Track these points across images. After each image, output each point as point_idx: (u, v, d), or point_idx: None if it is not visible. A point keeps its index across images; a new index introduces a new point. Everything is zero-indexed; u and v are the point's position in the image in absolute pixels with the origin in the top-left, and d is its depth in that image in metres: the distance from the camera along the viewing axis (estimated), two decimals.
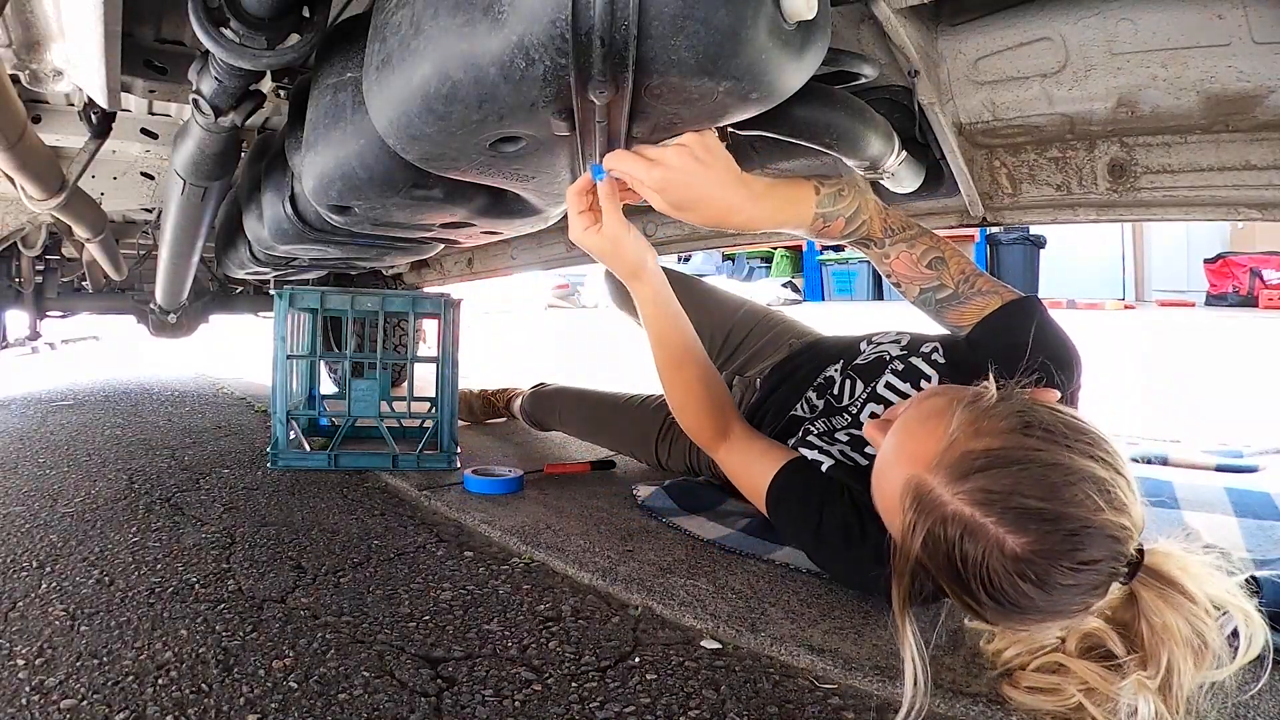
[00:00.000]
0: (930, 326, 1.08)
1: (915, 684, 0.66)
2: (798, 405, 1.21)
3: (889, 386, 1.08)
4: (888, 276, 1.02)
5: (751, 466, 1.02)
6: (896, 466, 0.75)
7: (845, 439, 1.06)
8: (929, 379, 1.06)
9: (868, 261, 1.33)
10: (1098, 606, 0.67)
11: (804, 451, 1.03)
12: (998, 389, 0.74)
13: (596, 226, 0.90)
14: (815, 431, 1.09)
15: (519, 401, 1.99)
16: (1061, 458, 0.66)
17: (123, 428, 2.11)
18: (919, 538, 0.69)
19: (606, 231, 0.91)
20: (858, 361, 1.17)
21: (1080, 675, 0.68)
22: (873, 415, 1.06)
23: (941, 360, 1.07)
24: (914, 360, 1.09)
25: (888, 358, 1.13)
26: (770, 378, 1.35)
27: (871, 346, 1.19)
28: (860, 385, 1.13)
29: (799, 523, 0.96)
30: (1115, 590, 0.67)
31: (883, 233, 0.98)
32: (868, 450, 1.01)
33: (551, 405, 1.85)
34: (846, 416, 1.11)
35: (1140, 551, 0.67)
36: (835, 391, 1.16)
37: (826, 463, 1.00)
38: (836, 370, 1.20)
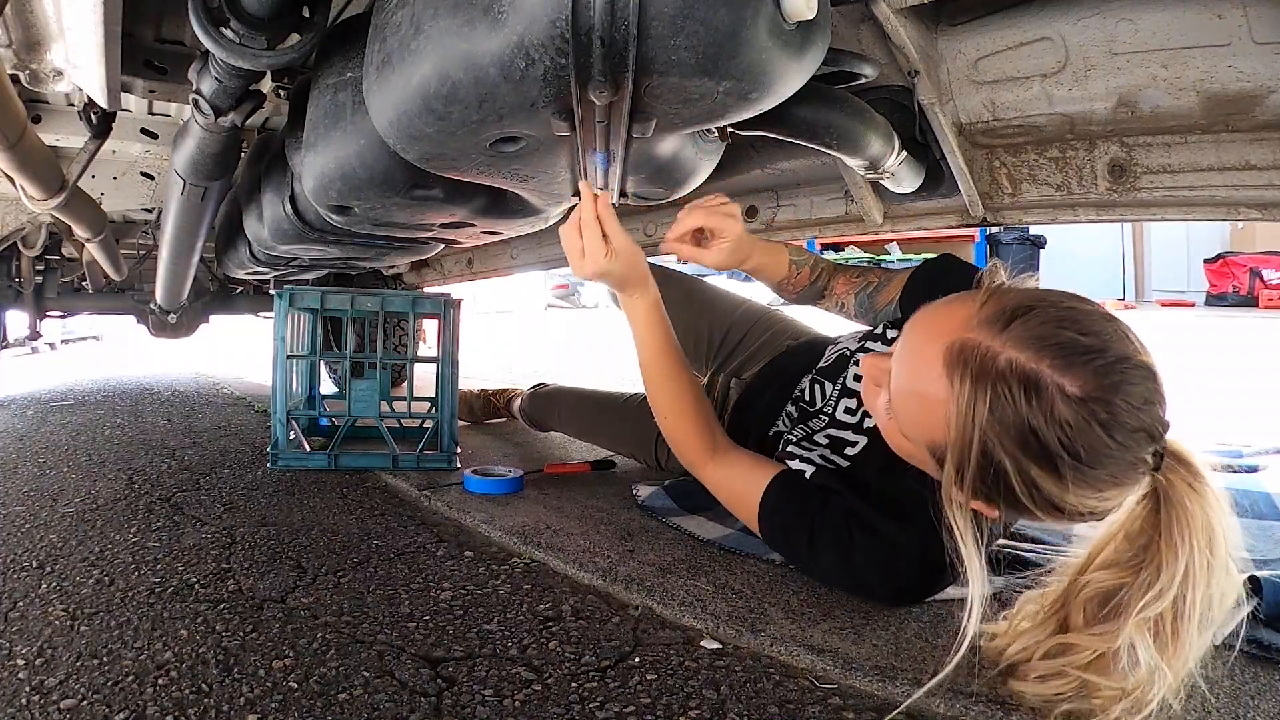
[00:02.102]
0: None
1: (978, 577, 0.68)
2: (780, 419, 1.21)
3: (856, 378, 1.08)
4: (836, 307, 1.19)
5: (737, 481, 1.01)
6: (927, 348, 0.72)
7: (824, 441, 1.05)
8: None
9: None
10: (1128, 505, 0.67)
11: (787, 462, 1.02)
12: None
13: (612, 251, 0.95)
14: (794, 439, 1.08)
15: (519, 402, 1.99)
16: (1091, 307, 0.68)
17: (123, 428, 2.11)
18: (983, 405, 0.66)
19: (624, 252, 0.94)
20: (821, 365, 1.18)
21: (1084, 646, 0.67)
22: (848, 410, 1.05)
23: (894, 335, 1.07)
24: (870, 345, 1.10)
25: (848, 353, 1.14)
26: (758, 378, 1.35)
27: (833, 348, 1.20)
28: (829, 386, 1.13)
29: (793, 535, 0.95)
30: (1139, 492, 0.67)
31: (832, 276, 1.18)
32: (848, 452, 1.00)
33: (550, 406, 1.85)
34: (823, 418, 1.10)
35: (1162, 453, 0.67)
36: (807, 399, 1.16)
37: (809, 469, 0.99)
38: (807, 380, 1.20)
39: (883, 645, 0.80)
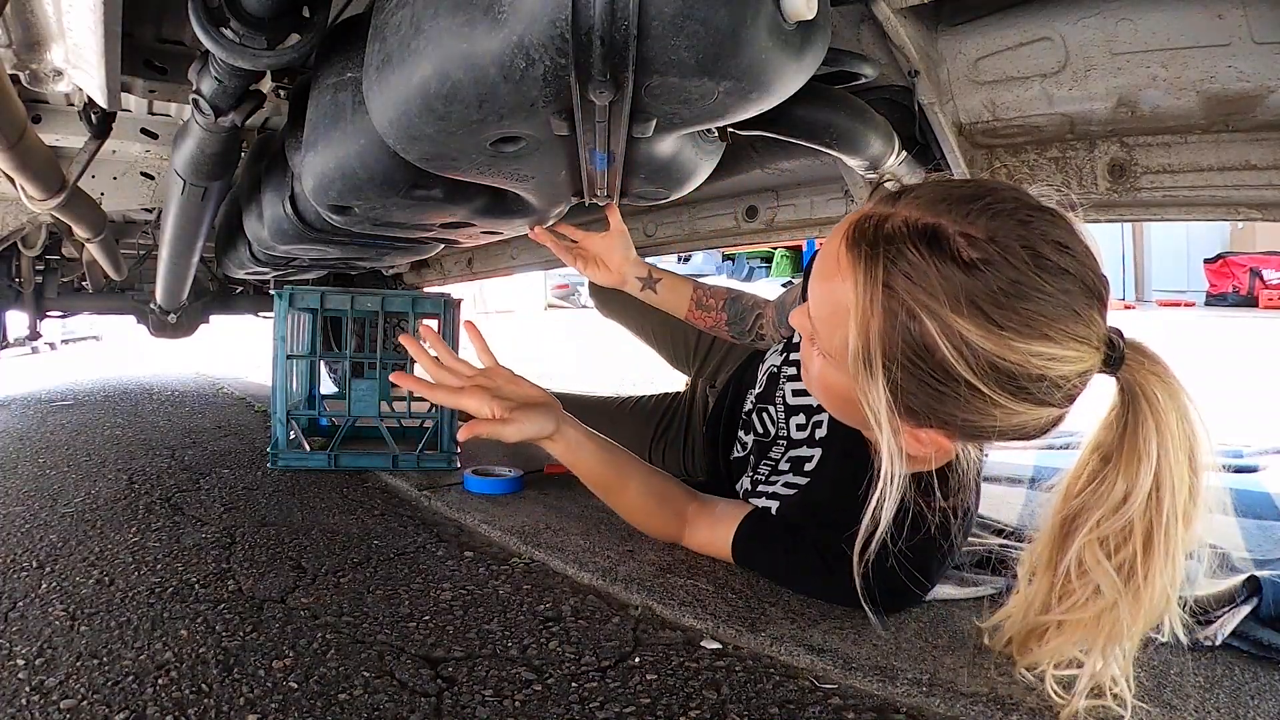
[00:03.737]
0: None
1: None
2: (735, 445, 1.20)
3: (795, 392, 1.06)
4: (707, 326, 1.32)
5: (714, 530, 1.01)
6: (828, 247, 0.69)
7: (786, 466, 1.02)
8: None
9: None
10: (1101, 418, 0.62)
11: (752, 500, 1.02)
12: None
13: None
14: (759, 478, 1.05)
15: None
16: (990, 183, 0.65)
17: (123, 428, 2.11)
18: (889, 268, 0.62)
19: (533, 414, 0.94)
20: (757, 391, 1.15)
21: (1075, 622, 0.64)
22: (799, 427, 1.03)
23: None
24: (794, 355, 1.08)
25: (775, 370, 1.11)
26: (722, 393, 1.35)
27: (763, 367, 1.17)
28: (771, 409, 1.10)
29: (769, 558, 0.95)
30: (1110, 402, 0.63)
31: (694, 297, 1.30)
32: (807, 468, 0.99)
33: None
34: (780, 443, 1.07)
35: (1118, 333, 0.63)
36: (759, 430, 1.12)
37: (774, 505, 0.98)
38: (751, 403, 1.17)
39: (883, 645, 0.80)
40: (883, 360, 0.64)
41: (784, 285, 7.35)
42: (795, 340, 1.10)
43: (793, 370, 1.07)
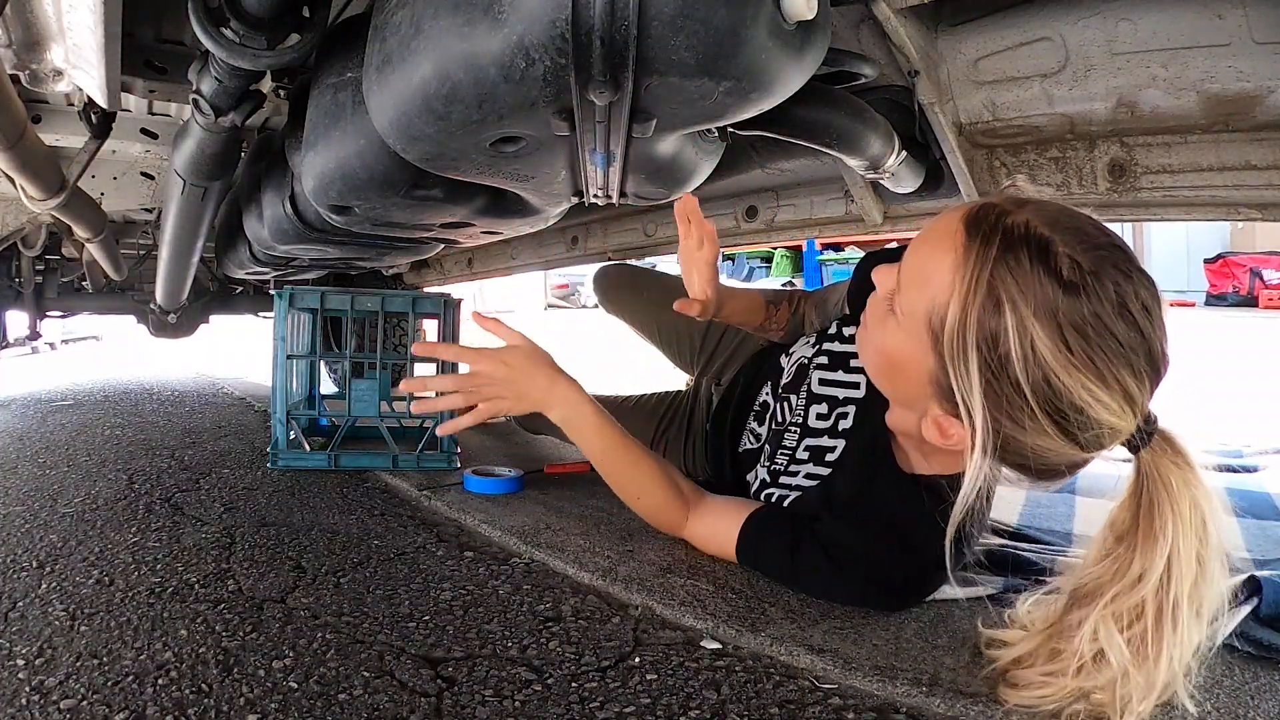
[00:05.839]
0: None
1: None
2: (745, 436, 1.20)
3: (822, 382, 1.06)
4: (810, 329, 1.26)
5: (717, 525, 1.01)
6: (946, 218, 0.72)
7: (805, 455, 1.03)
8: (852, 349, 1.04)
9: None
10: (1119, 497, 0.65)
11: (773, 491, 1.02)
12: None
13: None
14: (777, 469, 1.05)
15: None
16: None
17: (123, 428, 2.11)
18: (995, 252, 0.66)
19: (527, 369, 1.04)
20: (784, 381, 1.15)
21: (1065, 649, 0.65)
22: (819, 416, 1.04)
23: (849, 331, 1.07)
24: (828, 346, 1.08)
25: (805, 360, 1.12)
26: (730, 388, 1.35)
27: (789, 360, 1.18)
28: (794, 399, 1.10)
29: (775, 557, 0.95)
30: (1128, 480, 0.66)
31: (804, 301, 1.30)
32: (829, 458, 0.99)
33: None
34: (794, 430, 1.07)
35: (1156, 416, 0.66)
36: (779, 418, 1.13)
37: (791, 496, 0.99)
38: (769, 394, 1.18)
39: (883, 645, 0.80)
40: (957, 324, 0.67)
41: (784, 285, 7.35)
42: (829, 331, 1.11)
43: (823, 360, 1.08)
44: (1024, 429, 0.66)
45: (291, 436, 1.64)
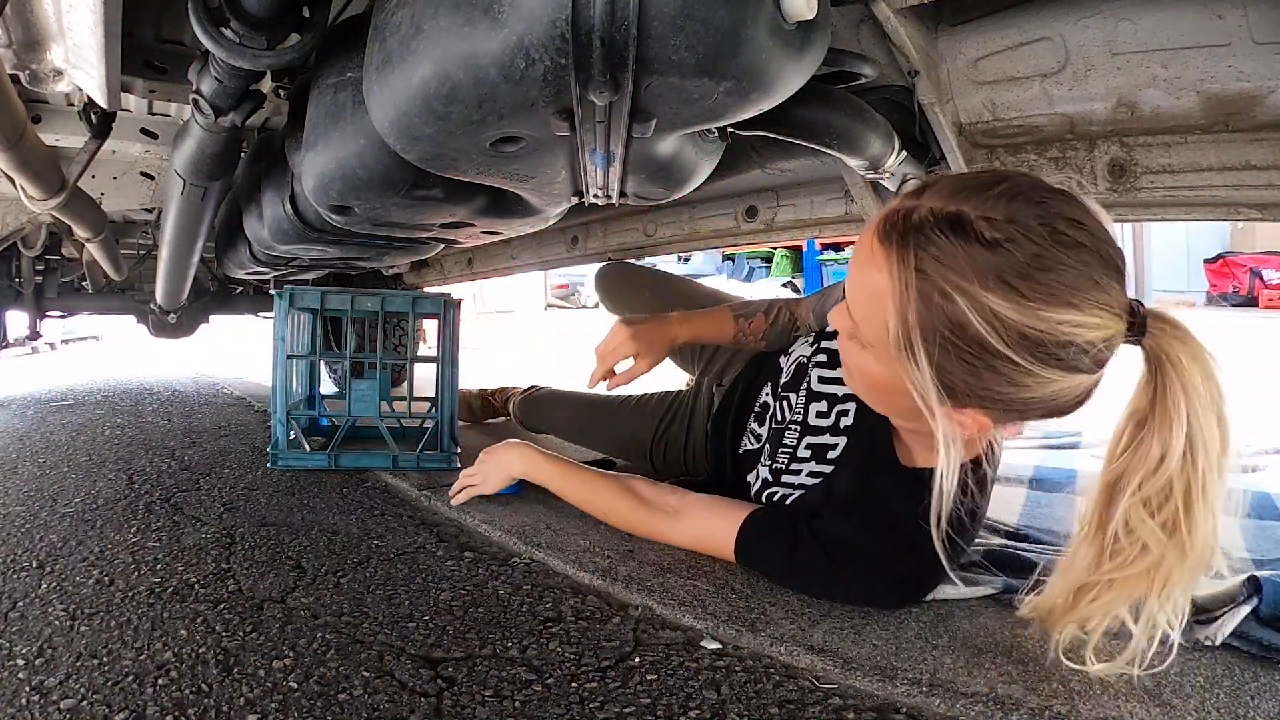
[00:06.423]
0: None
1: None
2: (746, 437, 1.20)
3: (821, 380, 1.07)
4: (804, 333, 1.27)
5: (711, 526, 1.01)
6: (861, 242, 0.74)
7: (807, 453, 1.03)
8: None
9: None
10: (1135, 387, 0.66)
11: (775, 490, 1.02)
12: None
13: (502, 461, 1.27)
14: (779, 467, 1.05)
15: (514, 402, 1.99)
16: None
17: (123, 428, 2.11)
18: (919, 253, 0.66)
19: (504, 453, 1.28)
20: (783, 380, 1.16)
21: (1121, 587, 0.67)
22: (819, 414, 1.04)
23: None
24: (826, 344, 1.09)
25: (804, 360, 1.12)
26: (731, 389, 1.35)
27: (788, 360, 1.18)
28: (794, 397, 1.10)
29: (774, 557, 0.95)
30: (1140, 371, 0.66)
31: (791, 308, 1.32)
32: (830, 456, 0.99)
33: (544, 410, 1.84)
34: (794, 428, 1.07)
35: (1138, 302, 0.67)
36: (779, 417, 1.12)
37: (794, 495, 0.99)
38: (769, 394, 1.19)
39: (883, 645, 0.80)
40: (922, 341, 0.68)
41: (784, 285, 7.36)
42: (827, 330, 1.12)
43: (822, 358, 1.08)
44: (1029, 387, 0.67)
45: (291, 436, 1.64)
